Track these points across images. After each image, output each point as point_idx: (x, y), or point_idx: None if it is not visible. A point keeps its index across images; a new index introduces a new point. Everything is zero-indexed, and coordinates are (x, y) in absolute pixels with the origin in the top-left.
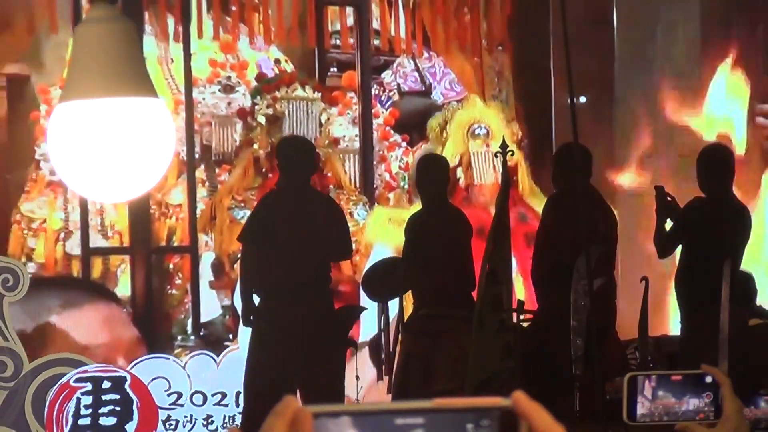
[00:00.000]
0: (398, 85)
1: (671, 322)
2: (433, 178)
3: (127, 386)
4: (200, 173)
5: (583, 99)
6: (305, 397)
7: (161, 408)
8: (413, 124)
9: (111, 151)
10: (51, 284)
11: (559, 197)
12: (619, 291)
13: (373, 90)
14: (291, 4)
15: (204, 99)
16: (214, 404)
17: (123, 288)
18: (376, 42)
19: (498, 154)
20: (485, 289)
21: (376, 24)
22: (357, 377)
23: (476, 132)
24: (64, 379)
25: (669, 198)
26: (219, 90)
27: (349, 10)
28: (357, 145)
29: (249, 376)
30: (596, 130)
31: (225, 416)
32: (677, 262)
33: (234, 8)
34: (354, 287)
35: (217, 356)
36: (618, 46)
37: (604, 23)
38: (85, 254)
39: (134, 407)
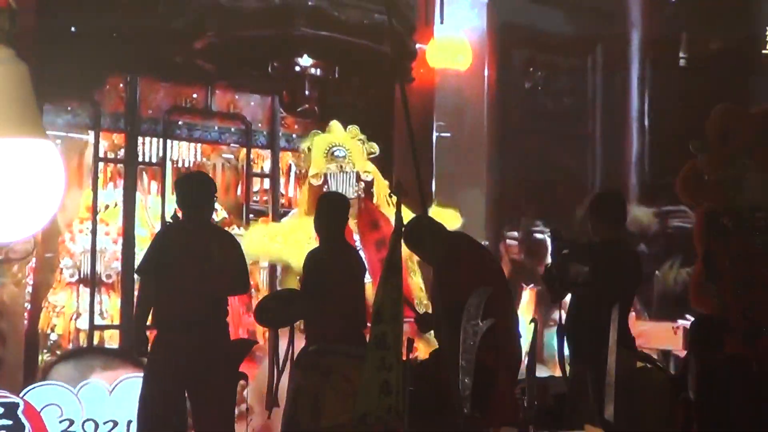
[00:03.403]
0: None
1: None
2: (332, 216)
3: (19, 412)
4: None
5: None
6: (197, 429)
7: None
8: None
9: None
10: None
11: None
12: None
13: None
14: (231, 177)
15: None
16: None
17: None
18: (282, 201)
19: (391, 195)
20: (372, 327)
21: (282, 189)
22: (247, 409)
23: (335, 154)
24: None
25: (561, 242)
26: None
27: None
28: None
29: (141, 407)
30: None
31: None
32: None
33: None
34: None
35: (110, 384)
36: None
37: None
38: (91, 329)
39: None
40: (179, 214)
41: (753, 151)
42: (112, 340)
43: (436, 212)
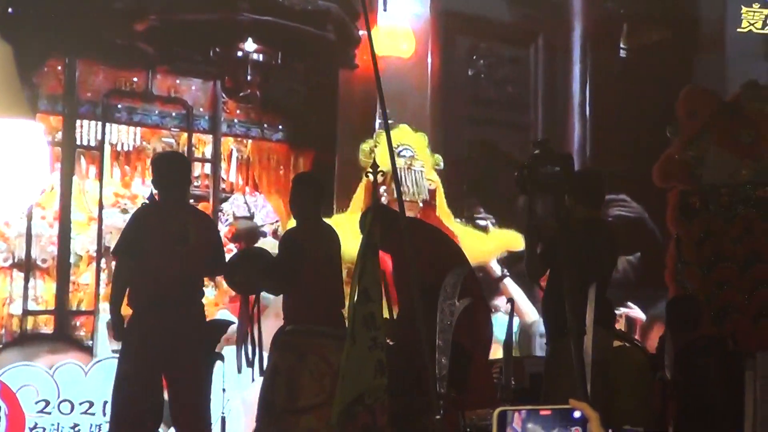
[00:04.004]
0: (233, 212)
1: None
2: (307, 195)
3: None
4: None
5: None
6: (173, 410)
7: (29, 415)
8: (243, 236)
9: None
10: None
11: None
12: None
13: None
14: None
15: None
16: (81, 413)
17: None
18: (223, 185)
19: (368, 174)
20: (358, 306)
21: (224, 174)
22: (223, 390)
23: (401, 153)
24: None
25: (538, 221)
26: (119, 212)
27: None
28: None
29: (117, 387)
30: None
31: (92, 425)
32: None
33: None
34: None
35: (86, 365)
36: None
37: None
38: (24, 314)
39: (2, 414)
40: (155, 195)
41: (713, 129)
42: (46, 325)
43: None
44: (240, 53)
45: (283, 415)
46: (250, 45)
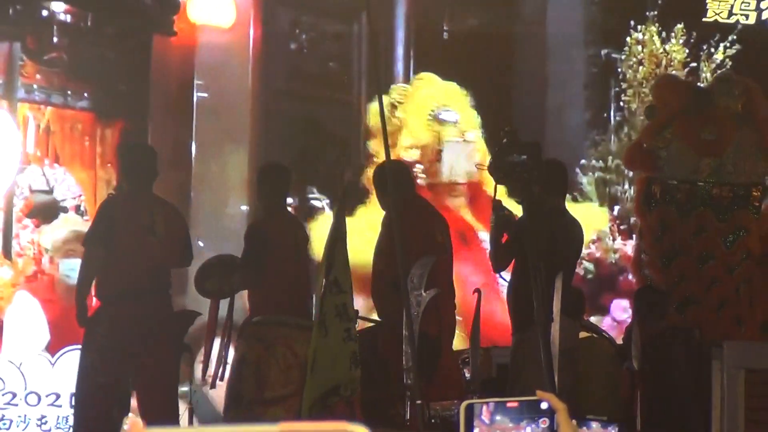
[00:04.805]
0: (29, 185)
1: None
2: (274, 185)
3: None
4: None
5: None
6: (140, 401)
7: None
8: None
9: None
10: None
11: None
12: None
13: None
14: None
15: None
16: (49, 405)
17: None
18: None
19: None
20: (329, 297)
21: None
22: (190, 381)
23: (441, 117)
24: None
25: (505, 212)
26: None
27: None
28: None
29: (81, 378)
30: None
31: (59, 417)
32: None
33: None
34: None
35: (53, 357)
36: None
37: None
38: None
39: None
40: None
41: (675, 121)
42: None
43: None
44: (45, 13)
45: (251, 406)
46: (58, 5)
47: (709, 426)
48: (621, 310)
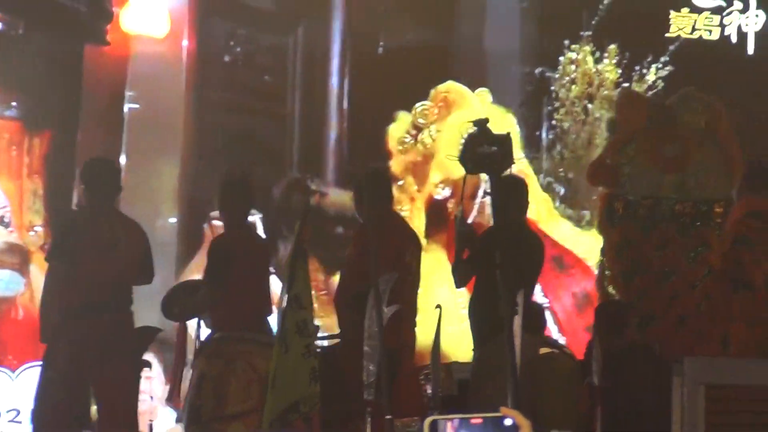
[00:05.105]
0: None
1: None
2: (235, 202)
3: None
4: None
5: None
6: (100, 416)
7: None
8: None
9: None
10: None
11: (364, 226)
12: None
13: None
14: None
15: None
16: (9, 421)
17: None
18: None
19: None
20: (290, 313)
21: None
22: (151, 397)
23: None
24: None
25: (466, 228)
26: None
27: None
28: None
29: (41, 393)
30: None
31: None
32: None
33: None
34: None
35: (13, 372)
36: None
37: None
38: None
39: None
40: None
41: (642, 138)
42: None
43: None
44: None
45: (210, 423)
46: None
47: None
48: None
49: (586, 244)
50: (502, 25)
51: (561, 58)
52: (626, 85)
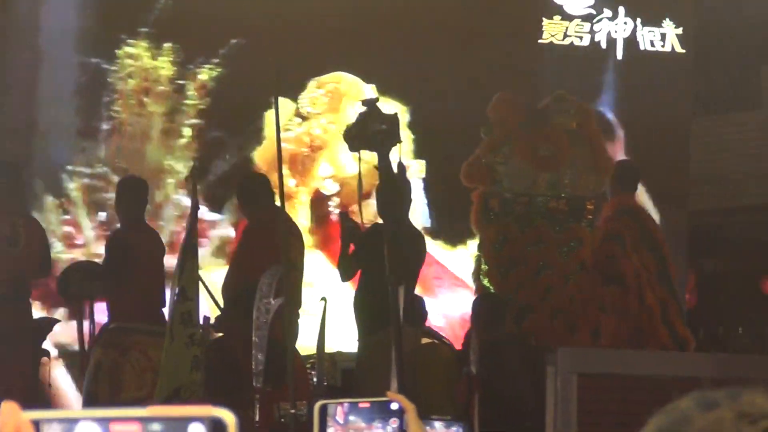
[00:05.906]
0: None
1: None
2: (131, 198)
3: None
4: None
5: None
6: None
7: None
8: None
9: None
10: None
11: (252, 224)
12: None
13: None
14: None
15: None
16: None
17: None
18: None
19: (188, 179)
20: (176, 305)
21: None
22: (50, 385)
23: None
24: None
25: (351, 224)
26: None
27: None
28: None
29: None
30: None
31: None
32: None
33: None
34: None
35: None
36: None
37: None
38: None
39: None
40: None
41: (516, 138)
42: None
43: None
44: None
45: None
46: None
47: (543, 428)
48: None
49: None
50: (58, 13)
51: (117, 52)
52: (180, 82)
